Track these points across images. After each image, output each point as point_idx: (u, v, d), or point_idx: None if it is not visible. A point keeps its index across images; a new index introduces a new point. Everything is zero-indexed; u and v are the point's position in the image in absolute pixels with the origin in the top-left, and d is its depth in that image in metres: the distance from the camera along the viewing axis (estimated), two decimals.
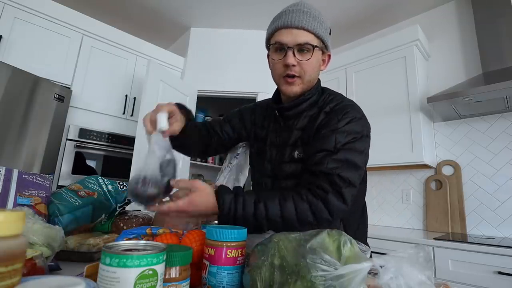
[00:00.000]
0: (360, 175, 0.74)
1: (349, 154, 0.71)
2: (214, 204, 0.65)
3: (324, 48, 0.81)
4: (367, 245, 0.84)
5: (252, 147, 0.97)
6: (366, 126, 0.79)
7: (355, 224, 0.88)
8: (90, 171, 2.29)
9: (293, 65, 0.76)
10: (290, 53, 0.75)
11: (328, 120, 0.77)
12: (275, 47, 0.79)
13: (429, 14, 2.46)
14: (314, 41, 0.76)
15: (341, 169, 0.69)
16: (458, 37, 2.26)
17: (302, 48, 0.75)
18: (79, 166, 2.25)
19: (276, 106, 0.87)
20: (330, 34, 0.80)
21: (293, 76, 0.78)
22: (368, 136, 0.79)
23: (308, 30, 0.75)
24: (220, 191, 0.67)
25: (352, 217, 0.86)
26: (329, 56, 0.85)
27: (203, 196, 0.65)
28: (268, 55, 0.84)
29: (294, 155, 0.80)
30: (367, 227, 0.95)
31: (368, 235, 0.96)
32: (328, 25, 0.80)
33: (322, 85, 0.90)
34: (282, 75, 0.79)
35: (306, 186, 0.70)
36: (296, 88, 0.80)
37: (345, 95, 0.91)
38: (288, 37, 0.75)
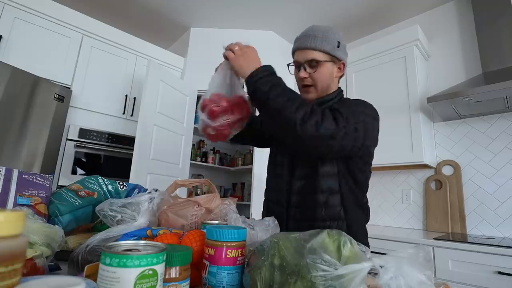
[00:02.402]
0: (355, 125, 0.80)
1: (354, 108, 0.85)
2: (256, 63, 0.85)
3: (334, 58, 0.94)
4: (367, 245, 0.86)
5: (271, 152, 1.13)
6: (374, 111, 0.89)
7: (356, 222, 0.90)
8: (90, 171, 2.30)
9: (305, 77, 0.94)
10: (302, 69, 0.94)
11: (340, 104, 0.91)
12: (294, 65, 0.98)
13: (429, 14, 2.47)
14: (321, 56, 0.92)
15: (342, 109, 0.81)
16: (458, 37, 2.26)
17: (311, 63, 0.92)
18: (79, 166, 2.25)
19: None
20: (339, 47, 0.94)
21: (308, 86, 0.95)
22: (375, 119, 0.88)
23: (313, 49, 0.91)
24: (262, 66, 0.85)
25: (353, 215, 0.89)
26: (344, 64, 0.98)
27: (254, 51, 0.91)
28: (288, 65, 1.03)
29: None
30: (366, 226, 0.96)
31: (368, 235, 0.97)
32: (336, 39, 0.93)
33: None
34: (300, 85, 0.98)
35: None
36: (311, 95, 0.96)
37: (345, 95, 0.97)
38: (300, 56, 0.94)
